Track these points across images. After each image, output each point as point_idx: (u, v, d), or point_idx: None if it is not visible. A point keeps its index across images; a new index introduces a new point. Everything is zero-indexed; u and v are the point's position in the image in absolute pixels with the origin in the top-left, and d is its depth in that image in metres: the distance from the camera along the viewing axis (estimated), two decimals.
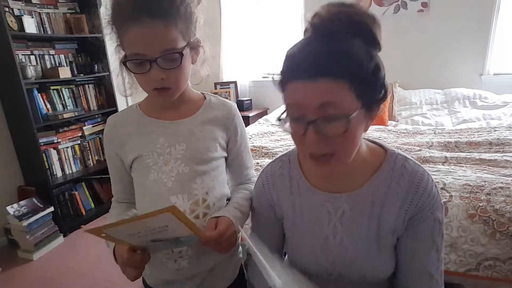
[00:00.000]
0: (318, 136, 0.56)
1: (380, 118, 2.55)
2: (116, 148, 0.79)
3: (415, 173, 0.65)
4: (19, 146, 2.40)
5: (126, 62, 0.67)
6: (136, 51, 0.65)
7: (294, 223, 0.75)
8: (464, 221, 1.15)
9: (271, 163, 0.80)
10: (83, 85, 2.72)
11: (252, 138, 2.23)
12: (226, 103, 0.83)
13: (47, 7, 2.47)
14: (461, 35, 2.83)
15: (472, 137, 1.86)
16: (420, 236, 0.66)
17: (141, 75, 0.68)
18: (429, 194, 0.65)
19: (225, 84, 3.63)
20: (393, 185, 0.66)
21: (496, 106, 2.46)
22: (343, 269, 0.70)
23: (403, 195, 0.65)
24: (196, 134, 0.77)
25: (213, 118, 0.80)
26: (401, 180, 0.65)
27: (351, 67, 0.54)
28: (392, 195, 0.66)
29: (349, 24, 0.55)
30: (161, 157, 0.76)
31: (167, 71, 0.67)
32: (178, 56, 0.67)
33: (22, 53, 2.32)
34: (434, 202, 0.65)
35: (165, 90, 0.69)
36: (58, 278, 1.95)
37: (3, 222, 2.27)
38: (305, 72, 0.55)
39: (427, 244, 0.67)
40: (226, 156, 0.84)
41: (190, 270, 0.79)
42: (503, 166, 1.44)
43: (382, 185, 0.66)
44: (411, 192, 0.65)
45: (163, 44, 0.65)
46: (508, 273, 1.10)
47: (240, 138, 0.84)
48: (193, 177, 0.76)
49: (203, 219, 0.76)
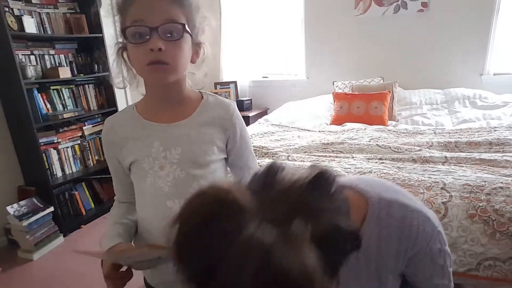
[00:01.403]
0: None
1: (380, 118, 2.55)
2: (114, 151, 0.79)
3: (403, 220, 0.62)
4: (19, 146, 2.39)
5: (126, 29, 0.67)
6: (138, 18, 0.66)
7: None
8: (464, 221, 1.15)
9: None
10: (83, 85, 2.72)
11: (252, 138, 2.23)
12: (223, 103, 0.81)
13: (47, 7, 2.47)
14: (461, 35, 2.83)
15: (472, 137, 1.86)
16: (422, 267, 0.66)
17: (139, 46, 0.67)
18: (422, 235, 0.62)
19: (225, 84, 3.63)
20: (383, 236, 0.63)
21: (496, 106, 2.46)
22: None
23: (396, 245, 0.63)
24: (191, 138, 0.75)
25: (210, 119, 0.77)
26: (391, 229, 0.63)
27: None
28: (385, 245, 0.63)
29: None
30: (156, 162, 0.74)
31: (167, 43, 0.66)
32: (180, 28, 0.67)
33: (22, 53, 2.31)
34: (429, 239, 0.63)
35: (161, 66, 0.67)
36: (58, 278, 1.95)
37: (3, 222, 2.27)
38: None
39: (430, 268, 0.66)
40: (226, 158, 0.82)
41: None
42: (503, 166, 1.44)
43: (372, 239, 0.63)
44: (403, 241, 0.63)
45: (165, 14, 0.66)
46: (508, 273, 1.10)
47: (240, 139, 0.82)
48: (189, 182, 0.74)
49: None
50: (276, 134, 2.35)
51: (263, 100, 3.71)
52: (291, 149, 1.92)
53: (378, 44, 3.09)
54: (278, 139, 2.20)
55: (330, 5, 3.16)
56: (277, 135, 2.31)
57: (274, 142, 2.12)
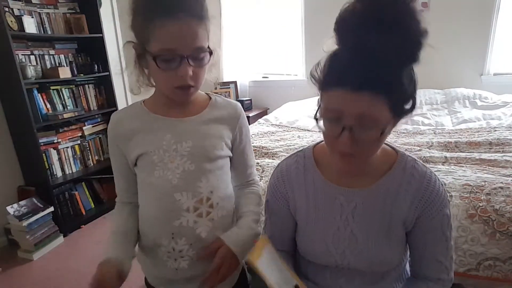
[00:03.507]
0: (351, 140, 0.60)
1: None
2: (120, 144, 0.79)
3: (424, 174, 0.71)
4: (19, 146, 2.39)
5: (156, 57, 0.67)
6: (169, 47, 0.66)
7: (308, 213, 0.78)
8: (464, 221, 1.15)
9: (286, 159, 0.85)
10: (83, 85, 2.72)
11: (252, 138, 2.22)
12: (231, 103, 0.85)
13: (47, 7, 2.47)
14: (461, 35, 2.83)
15: (472, 137, 1.85)
16: (430, 231, 0.72)
17: (167, 72, 0.68)
18: (437, 193, 0.70)
19: (225, 84, 3.63)
20: (404, 184, 0.71)
21: (496, 106, 2.46)
22: (352, 258, 0.74)
23: (413, 193, 0.71)
24: (202, 132, 0.78)
25: (220, 117, 0.81)
26: (412, 179, 0.71)
27: (393, 87, 0.58)
28: (403, 193, 0.71)
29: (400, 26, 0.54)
30: (166, 154, 0.76)
31: (195, 69, 0.69)
32: (207, 54, 0.70)
33: (22, 53, 2.31)
34: (442, 200, 0.71)
35: (188, 89, 0.71)
36: (58, 278, 1.95)
37: (3, 222, 2.27)
38: (350, 82, 0.57)
39: (437, 237, 0.72)
40: (230, 156, 0.84)
41: (189, 271, 0.79)
42: (503, 166, 1.44)
43: (393, 184, 0.72)
44: (421, 191, 0.70)
45: (195, 42, 0.68)
46: (508, 273, 1.10)
47: (245, 137, 0.86)
48: (198, 175, 0.76)
49: (206, 218, 0.77)
50: (276, 134, 2.35)
51: (263, 100, 3.71)
52: (291, 149, 1.92)
53: None
54: (278, 139, 2.20)
55: (330, 5, 3.13)
56: (277, 135, 2.31)
57: (274, 142, 2.12)
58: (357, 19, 0.54)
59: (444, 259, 0.73)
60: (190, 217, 0.75)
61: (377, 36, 0.52)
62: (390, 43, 0.52)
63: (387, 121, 0.60)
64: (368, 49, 0.54)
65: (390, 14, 0.52)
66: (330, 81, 0.61)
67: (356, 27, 0.54)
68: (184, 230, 0.76)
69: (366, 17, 0.53)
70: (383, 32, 0.52)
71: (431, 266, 0.74)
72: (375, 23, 0.52)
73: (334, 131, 0.62)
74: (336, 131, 0.61)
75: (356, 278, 0.76)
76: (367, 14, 0.53)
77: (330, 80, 0.61)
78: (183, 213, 0.75)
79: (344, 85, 0.57)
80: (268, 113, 3.30)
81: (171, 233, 0.76)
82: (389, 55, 0.54)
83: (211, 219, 0.77)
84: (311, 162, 0.79)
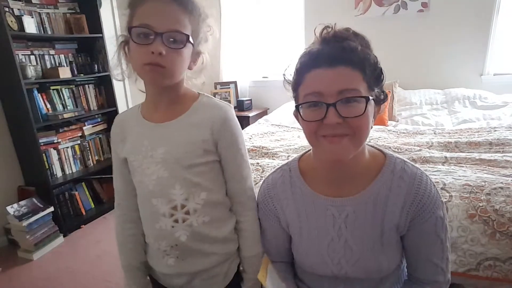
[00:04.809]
0: (338, 118, 0.61)
1: (380, 118, 2.55)
2: (116, 146, 0.82)
3: (414, 175, 0.69)
4: (19, 146, 2.39)
5: (132, 28, 0.68)
6: (146, 22, 0.67)
7: (301, 228, 0.77)
8: (464, 221, 1.15)
9: (272, 174, 0.83)
10: (83, 85, 2.72)
11: (252, 138, 2.23)
12: (217, 105, 0.79)
13: (47, 7, 2.47)
14: (461, 35, 2.83)
15: (472, 137, 1.85)
16: (424, 234, 0.70)
17: (141, 46, 0.68)
18: (428, 195, 0.68)
19: (225, 84, 3.63)
20: (394, 187, 0.69)
21: (496, 106, 2.46)
22: (349, 268, 0.73)
23: (404, 196, 0.68)
24: (177, 138, 0.75)
25: (199, 121, 0.76)
26: (401, 182, 0.69)
27: (364, 61, 0.62)
28: (394, 197, 0.69)
29: (355, 35, 0.65)
30: (144, 160, 0.76)
31: (168, 49, 0.68)
32: (184, 39, 0.69)
33: (22, 53, 2.31)
34: (434, 202, 0.69)
35: (157, 68, 0.68)
36: (58, 278, 1.95)
37: (3, 222, 2.27)
38: (324, 60, 0.62)
39: (431, 239, 0.71)
40: (218, 160, 0.81)
41: (176, 268, 0.81)
42: (503, 166, 1.44)
43: (383, 188, 0.70)
44: (412, 193, 0.68)
45: (172, 23, 0.68)
46: (508, 273, 1.10)
47: (230, 144, 0.79)
48: (172, 182, 0.75)
49: (183, 224, 0.76)
50: (276, 134, 2.35)
51: (263, 100, 3.71)
52: (291, 149, 1.92)
53: (378, 44, 3.04)
54: (278, 139, 2.20)
55: (330, 6, 3.16)
56: (277, 135, 2.31)
57: (274, 142, 2.12)
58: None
59: (439, 262, 0.72)
60: (167, 221, 0.77)
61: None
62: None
63: (366, 93, 0.63)
64: (331, 42, 0.63)
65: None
66: (305, 67, 0.65)
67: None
68: (164, 233, 0.77)
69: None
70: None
71: (427, 269, 0.73)
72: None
73: (318, 114, 0.63)
74: (321, 113, 0.62)
75: (355, 285, 0.75)
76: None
77: (304, 67, 0.65)
78: (160, 217, 0.77)
79: (318, 65, 0.62)
80: (268, 113, 3.30)
81: (154, 234, 0.79)
82: (353, 43, 0.62)
83: (189, 225, 0.76)
84: (297, 175, 0.78)
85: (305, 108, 0.66)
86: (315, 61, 0.63)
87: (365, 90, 0.63)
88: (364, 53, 0.63)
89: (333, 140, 0.64)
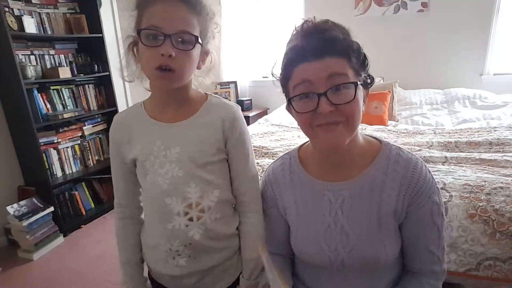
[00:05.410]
0: (330, 106, 0.63)
1: (380, 118, 2.55)
2: (119, 147, 0.81)
3: (409, 160, 0.71)
4: (19, 146, 2.39)
5: (141, 30, 0.69)
6: (155, 24, 0.67)
7: (298, 215, 0.78)
8: (464, 221, 1.15)
9: (273, 162, 0.86)
10: (83, 85, 2.72)
11: (252, 138, 2.22)
12: (226, 105, 0.81)
13: (47, 7, 2.47)
14: (461, 35, 2.83)
15: (472, 137, 1.85)
16: (421, 220, 0.71)
17: (150, 48, 0.68)
18: (424, 178, 0.70)
19: (225, 84, 3.63)
20: (390, 172, 0.71)
21: (496, 106, 2.46)
22: (345, 255, 0.73)
23: (400, 180, 0.70)
24: (190, 137, 0.76)
25: (211, 120, 0.78)
26: (397, 166, 0.71)
27: (348, 49, 0.65)
28: (390, 181, 0.71)
29: (335, 25, 0.68)
30: (157, 160, 0.76)
31: (178, 51, 0.68)
32: (192, 40, 0.70)
33: (22, 53, 2.32)
34: (430, 186, 0.71)
35: (168, 73, 0.69)
36: (58, 278, 1.95)
37: (3, 222, 2.27)
38: (310, 54, 0.64)
39: (428, 226, 0.71)
40: (227, 159, 0.82)
41: (188, 268, 0.80)
42: (503, 166, 1.44)
43: (379, 172, 0.71)
44: (407, 177, 0.70)
45: (181, 24, 0.68)
46: (508, 273, 1.10)
47: (239, 143, 0.81)
48: (187, 180, 0.76)
49: (198, 222, 0.77)
50: (276, 134, 2.35)
51: (263, 100, 3.71)
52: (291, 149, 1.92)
53: (378, 44, 3.08)
54: (278, 139, 2.20)
55: (330, 5, 3.16)
56: (277, 135, 2.31)
57: (274, 142, 2.12)
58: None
59: (436, 250, 0.73)
60: (181, 220, 0.76)
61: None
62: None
63: (354, 78, 0.65)
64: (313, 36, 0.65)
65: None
66: (292, 62, 0.67)
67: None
68: (177, 233, 0.77)
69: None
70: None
71: (423, 258, 0.74)
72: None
73: (310, 104, 0.65)
74: (313, 103, 0.65)
75: (351, 278, 0.76)
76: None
77: (291, 62, 0.67)
78: (174, 216, 0.77)
79: (305, 59, 0.64)
80: (268, 113, 3.30)
81: (166, 234, 0.78)
82: (334, 33, 0.65)
83: (203, 223, 0.77)
84: (296, 162, 0.81)
85: (297, 100, 0.68)
86: (302, 55, 0.65)
87: (352, 76, 0.65)
88: (346, 41, 0.66)
89: (328, 128, 0.66)
